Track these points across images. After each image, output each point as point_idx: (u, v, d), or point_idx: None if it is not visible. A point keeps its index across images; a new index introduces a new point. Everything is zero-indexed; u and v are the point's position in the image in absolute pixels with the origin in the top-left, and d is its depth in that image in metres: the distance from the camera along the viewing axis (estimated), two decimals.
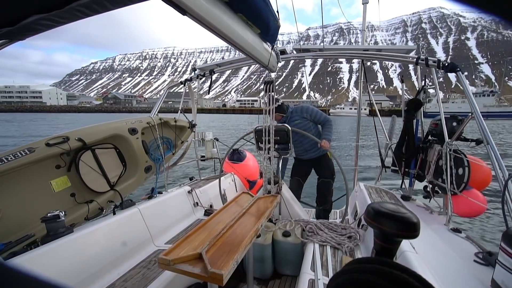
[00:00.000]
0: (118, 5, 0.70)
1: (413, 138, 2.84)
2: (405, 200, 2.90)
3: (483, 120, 2.12)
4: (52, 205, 1.93)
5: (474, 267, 1.62)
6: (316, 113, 3.29)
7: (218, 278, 1.08)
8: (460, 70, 2.39)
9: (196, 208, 2.99)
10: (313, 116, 3.28)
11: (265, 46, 1.71)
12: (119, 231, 2.04)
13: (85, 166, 2.21)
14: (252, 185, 4.11)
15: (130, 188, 2.59)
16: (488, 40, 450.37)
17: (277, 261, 2.29)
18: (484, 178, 2.33)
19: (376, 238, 0.80)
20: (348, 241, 2.15)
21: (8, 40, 0.75)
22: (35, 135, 19.39)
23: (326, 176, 3.33)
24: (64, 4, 0.60)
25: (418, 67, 2.96)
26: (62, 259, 1.61)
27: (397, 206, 0.82)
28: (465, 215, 2.47)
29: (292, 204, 2.72)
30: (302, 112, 3.28)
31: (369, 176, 7.22)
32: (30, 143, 1.92)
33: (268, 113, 2.44)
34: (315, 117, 3.28)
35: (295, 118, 3.28)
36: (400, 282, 0.35)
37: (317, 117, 3.29)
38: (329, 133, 3.21)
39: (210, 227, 1.58)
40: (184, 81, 3.74)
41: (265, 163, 2.56)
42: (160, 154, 2.86)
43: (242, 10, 1.20)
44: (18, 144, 2.04)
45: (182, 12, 0.87)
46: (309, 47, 3.45)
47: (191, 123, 3.47)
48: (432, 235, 2.01)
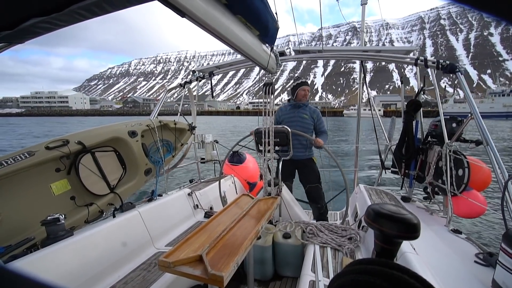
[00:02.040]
0: (117, 7, 0.70)
1: (412, 139, 2.84)
2: (405, 202, 2.90)
3: (483, 121, 2.12)
4: (52, 208, 1.92)
5: (475, 268, 1.62)
6: (321, 122, 3.31)
7: (219, 280, 1.08)
8: (459, 70, 2.39)
9: (196, 210, 2.99)
10: (317, 122, 3.29)
11: (264, 47, 1.72)
12: (119, 233, 2.04)
13: (85, 169, 2.20)
14: (252, 187, 4.10)
15: (130, 191, 2.59)
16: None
17: (277, 263, 2.28)
18: (484, 179, 2.33)
19: (377, 240, 0.80)
20: (348, 242, 2.14)
21: (7, 43, 0.75)
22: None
23: (313, 181, 3.27)
24: (64, 7, 0.60)
25: (424, 68, 2.93)
26: (62, 262, 1.61)
27: (397, 208, 0.81)
28: (465, 216, 2.46)
29: (292, 206, 2.72)
30: (313, 112, 3.29)
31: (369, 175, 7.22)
32: (29, 146, 1.92)
33: (268, 115, 2.43)
34: (318, 124, 3.29)
35: (306, 112, 3.28)
36: (400, 283, 0.35)
37: (320, 125, 3.30)
38: (323, 138, 3.21)
39: (210, 229, 1.58)
40: (184, 83, 3.74)
41: (265, 165, 2.56)
42: (160, 157, 2.86)
43: (241, 11, 1.20)
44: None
45: (181, 14, 0.87)
46: (308, 48, 3.46)
47: (191, 126, 3.46)
48: (432, 236, 2.01)
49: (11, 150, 2.01)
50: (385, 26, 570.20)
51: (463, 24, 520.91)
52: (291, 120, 3.27)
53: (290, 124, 3.18)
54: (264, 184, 2.58)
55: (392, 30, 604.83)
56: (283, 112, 3.39)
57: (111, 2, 0.67)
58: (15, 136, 25.23)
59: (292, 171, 3.39)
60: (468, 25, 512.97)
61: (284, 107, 3.44)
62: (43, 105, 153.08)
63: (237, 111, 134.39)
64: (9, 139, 22.31)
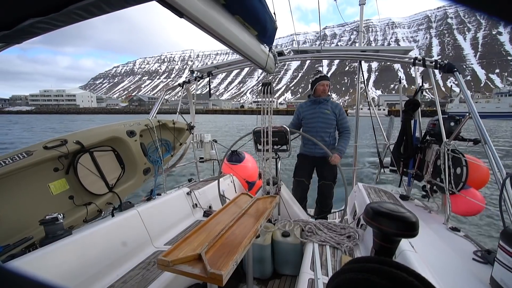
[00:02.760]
0: (115, 7, 0.70)
1: (411, 138, 2.85)
2: (404, 200, 2.91)
3: (481, 120, 2.13)
4: (51, 208, 1.92)
5: (473, 266, 1.63)
6: (344, 117, 3.17)
7: (218, 279, 1.08)
8: (458, 70, 2.40)
9: (195, 209, 2.99)
10: (340, 117, 3.15)
11: (263, 47, 1.72)
12: (118, 233, 2.04)
13: (83, 169, 2.20)
14: (251, 186, 4.10)
15: (128, 190, 2.58)
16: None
17: (276, 261, 2.29)
18: (482, 177, 2.35)
19: (375, 238, 0.80)
20: (347, 240, 2.15)
21: (4, 43, 0.75)
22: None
23: (329, 179, 3.21)
24: (61, 7, 0.60)
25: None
26: (60, 262, 1.61)
27: (396, 206, 0.82)
28: (463, 214, 2.48)
29: (291, 205, 2.72)
30: (335, 108, 3.15)
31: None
32: (27, 146, 1.91)
33: (266, 114, 2.44)
34: (340, 119, 3.15)
35: (327, 107, 3.14)
36: (399, 281, 0.35)
37: (342, 120, 3.17)
38: (345, 144, 3.09)
39: (209, 228, 1.58)
40: (182, 83, 3.74)
41: (264, 164, 2.56)
42: (159, 156, 2.85)
43: (239, 12, 1.20)
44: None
45: (179, 15, 0.87)
46: (307, 48, 3.46)
47: (190, 125, 3.46)
48: (431, 234, 2.02)
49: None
50: (390, 25, 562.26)
51: (471, 23, 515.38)
52: (312, 116, 3.16)
53: (312, 121, 3.16)
54: (263, 183, 2.59)
55: (397, 29, 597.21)
56: (303, 109, 3.27)
57: (109, 2, 0.66)
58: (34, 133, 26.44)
59: (310, 170, 3.31)
60: (477, 24, 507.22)
61: (304, 103, 3.34)
62: (51, 103, 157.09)
63: (241, 109, 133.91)
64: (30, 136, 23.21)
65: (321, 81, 3.15)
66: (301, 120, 3.27)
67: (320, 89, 3.16)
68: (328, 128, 3.11)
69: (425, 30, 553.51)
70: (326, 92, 3.18)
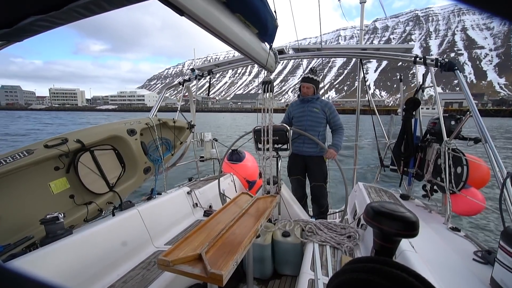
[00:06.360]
0: (115, 5, 0.70)
1: (411, 137, 2.85)
2: (404, 200, 2.91)
3: (481, 118, 2.12)
4: (51, 207, 1.92)
5: (473, 266, 1.63)
6: (335, 115, 3.13)
7: (218, 279, 1.08)
8: (458, 68, 2.39)
9: (196, 209, 2.99)
10: (331, 115, 3.12)
11: (263, 46, 1.72)
12: (119, 232, 2.04)
13: (84, 168, 2.20)
14: (251, 185, 4.10)
15: (129, 190, 2.58)
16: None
17: (276, 261, 2.29)
18: (483, 177, 2.34)
19: (376, 238, 0.80)
20: (347, 240, 2.15)
21: (5, 41, 0.74)
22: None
23: (319, 180, 3.21)
24: (62, 5, 0.60)
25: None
26: (61, 261, 1.61)
27: (396, 206, 0.82)
28: (464, 213, 2.48)
29: (292, 204, 2.72)
30: (325, 106, 3.13)
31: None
32: (28, 145, 1.91)
33: (266, 112, 2.43)
34: (332, 117, 3.13)
35: (316, 105, 3.14)
36: (399, 281, 0.35)
37: (334, 118, 3.13)
38: (339, 140, 3.08)
39: (210, 227, 1.58)
40: (183, 81, 3.74)
41: (264, 163, 2.56)
42: (159, 155, 2.85)
43: (240, 10, 1.20)
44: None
45: (179, 13, 0.86)
46: (307, 46, 3.46)
47: (190, 124, 3.46)
48: (431, 234, 2.02)
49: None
50: (456, 12, 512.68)
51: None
52: (301, 114, 3.17)
53: (300, 119, 3.16)
54: (263, 183, 2.58)
55: (466, 16, 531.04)
56: (293, 108, 3.29)
57: (109, 0, 0.66)
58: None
59: (302, 166, 3.30)
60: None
61: (294, 102, 3.36)
62: (125, 102, 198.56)
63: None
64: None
65: (302, 83, 3.18)
66: (291, 119, 3.28)
67: (303, 90, 3.19)
68: (317, 126, 3.09)
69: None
70: (309, 93, 3.17)
